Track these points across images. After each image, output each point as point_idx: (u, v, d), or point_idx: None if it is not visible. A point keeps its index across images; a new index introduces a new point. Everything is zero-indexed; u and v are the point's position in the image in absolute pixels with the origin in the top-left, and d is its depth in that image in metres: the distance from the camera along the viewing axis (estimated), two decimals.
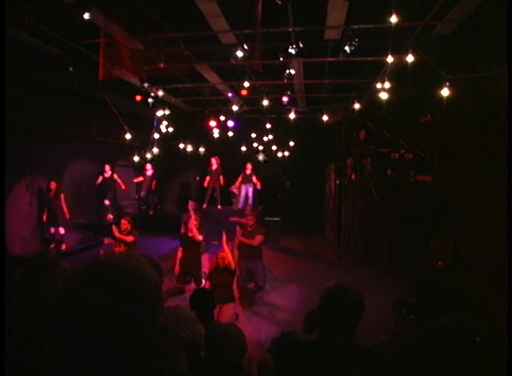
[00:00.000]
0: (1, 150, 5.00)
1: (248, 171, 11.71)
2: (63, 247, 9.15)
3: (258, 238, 6.58)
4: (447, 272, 8.14)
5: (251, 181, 11.74)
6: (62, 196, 9.10)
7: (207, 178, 11.69)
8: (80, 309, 0.81)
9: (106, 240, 10.10)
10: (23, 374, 1.48)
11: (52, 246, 8.99)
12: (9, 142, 7.92)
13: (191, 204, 8.68)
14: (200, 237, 6.61)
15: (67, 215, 9.20)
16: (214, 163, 11.63)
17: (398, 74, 7.03)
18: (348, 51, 5.72)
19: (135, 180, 12.68)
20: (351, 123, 10.20)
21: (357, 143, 10.11)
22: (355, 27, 5.64)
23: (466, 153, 8.44)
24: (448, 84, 6.17)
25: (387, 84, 6.89)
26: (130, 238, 6.52)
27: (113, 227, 6.71)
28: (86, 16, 4.88)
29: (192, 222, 6.62)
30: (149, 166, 12.09)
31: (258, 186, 11.62)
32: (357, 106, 8.79)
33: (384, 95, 7.03)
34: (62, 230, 9.13)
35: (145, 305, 0.85)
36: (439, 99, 6.49)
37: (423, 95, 8.19)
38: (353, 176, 10.05)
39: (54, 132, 9.32)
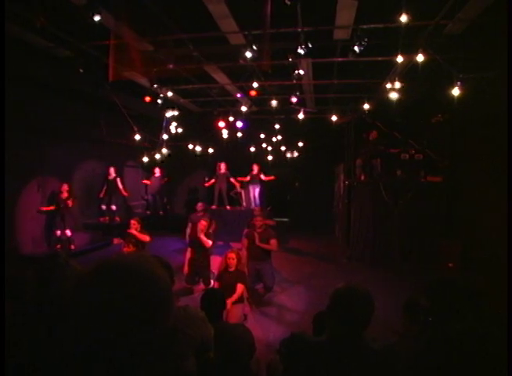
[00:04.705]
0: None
1: (255, 172, 11.76)
2: (72, 247, 9.21)
3: (274, 242, 6.65)
4: (458, 274, 8.06)
5: (259, 181, 11.79)
6: (70, 201, 9.18)
7: (212, 180, 11.78)
8: (91, 309, 0.82)
9: (116, 241, 10.17)
10: (33, 372, 1.49)
11: (60, 246, 9.05)
12: (20, 143, 8.03)
13: (199, 205, 8.71)
14: (210, 242, 6.60)
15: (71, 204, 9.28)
16: (223, 168, 11.70)
17: (409, 73, 6.98)
18: (358, 51, 5.69)
19: (144, 181, 12.71)
20: (361, 123, 10.15)
21: (366, 144, 10.05)
22: (365, 26, 5.60)
23: (477, 153, 8.34)
24: (459, 83, 6.10)
25: (397, 84, 6.84)
26: (146, 238, 6.48)
27: (132, 221, 6.54)
28: (96, 18, 4.93)
29: (201, 227, 6.61)
30: (157, 170, 12.12)
31: (273, 178, 11.88)
32: (366, 106, 8.74)
33: (393, 95, 6.98)
34: (68, 232, 9.19)
35: (155, 305, 0.85)
36: (450, 98, 6.42)
37: (434, 95, 8.11)
38: (362, 177, 9.99)
39: (65, 133, 9.41)
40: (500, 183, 7.21)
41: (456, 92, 6.14)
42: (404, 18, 4.84)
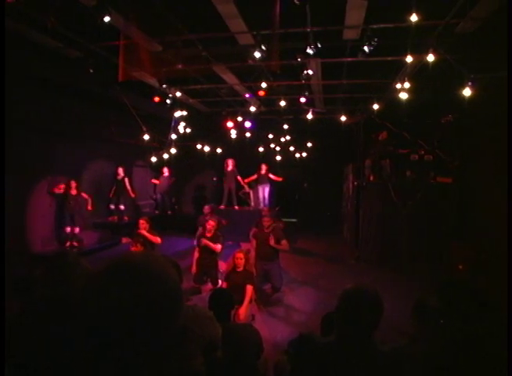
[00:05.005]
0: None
1: (263, 172, 11.74)
2: (75, 243, 9.25)
3: (285, 243, 6.68)
4: (469, 277, 7.97)
5: (267, 181, 11.78)
6: (84, 194, 9.32)
7: (224, 179, 11.82)
8: (100, 309, 0.81)
9: (124, 240, 10.22)
10: (42, 370, 1.50)
11: (69, 244, 9.13)
12: (30, 143, 8.12)
13: (206, 208, 8.70)
14: (219, 247, 6.61)
15: (90, 207, 9.45)
16: (230, 164, 11.69)
17: (419, 73, 6.92)
18: (367, 51, 5.66)
19: (153, 181, 12.80)
20: (370, 124, 10.09)
21: (375, 144, 9.99)
22: (375, 26, 5.57)
23: (488, 153, 8.24)
24: (470, 83, 6.02)
25: (406, 84, 6.78)
26: (158, 240, 6.50)
27: (141, 221, 6.54)
28: (106, 19, 4.96)
29: (209, 227, 6.62)
30: (165, 169, 12.21)
31: (280, 179, 11.77)
32: (376, 106, 8.68)
33: (403, 96, 6.92)
34: (77, 229, 9.30)
35: (165, 304, 0.85)
36: (461, 99, 6.35)
37: (444, 95, 8.03)
38: (371, 177, 9.93)
39: (74, 133, 9.49)
40: None
41: (467, 92, 6.06)
42: (414, 17, 4.80)
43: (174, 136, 9.09)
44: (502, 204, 7.44)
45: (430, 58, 5.61)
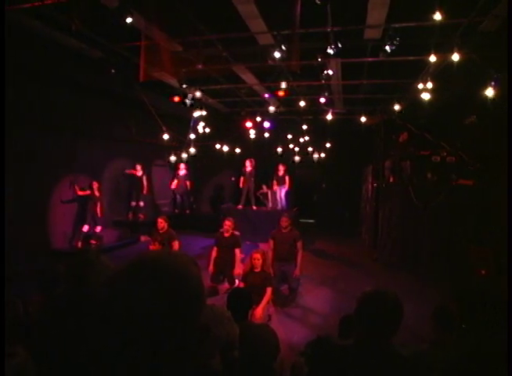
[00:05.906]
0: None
1: (280, 173, 11.67)
2: (92, 241, 9.38)
3: (299, 244, 6.67)
4: (490, 282, 7.78)
5: (284, 182, 11.73)
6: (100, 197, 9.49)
7: (242, 179, 11.78)
8: (123, 307, 0.81)
9: (143, 238, 10.35)
10: (58, 366, 1.52)
11: (88, 242, 9.28)
12: (50, 142, 8.31)
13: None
14: (238, 252, 6.67)
15: (99, 214, 9.55)
16: (249, 165, 11.67)
17: (442, 73, 6.78)
18: (389, 50, 5.58)
19: (172, 187, 12.75)
20: (390, 124, 9.95)
21: (396, 145, 9.84)
22: (397, 25, 5.49)
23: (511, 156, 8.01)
24: (493, 83, 5.86)
25: (429, 85, 6.65)
26: (176, 246, 6.60)
27: (159, 220, 6.72)
28: (128, 20, 5.03)
29: (226, 228, 6.70)
30: (182, 166, 12.23)
31: (286, 188, 11.65)
32: (397, 107, 8.56)
33: (425, 96, 6.79)
34: (98, 228, 9.46)
35: (188, 303, 0.84)
36: (485, 99, 6.19)
37: (468, 95, 7.85)
38: (391, 179, 9.79)
39: (95, 133, 9.65)
40: None
41: (489, 92, 5.91)
42: (437, 16, 4.71)
43: (193, 136, 9.15)
44: None
45: (455, 57, 5.49)
